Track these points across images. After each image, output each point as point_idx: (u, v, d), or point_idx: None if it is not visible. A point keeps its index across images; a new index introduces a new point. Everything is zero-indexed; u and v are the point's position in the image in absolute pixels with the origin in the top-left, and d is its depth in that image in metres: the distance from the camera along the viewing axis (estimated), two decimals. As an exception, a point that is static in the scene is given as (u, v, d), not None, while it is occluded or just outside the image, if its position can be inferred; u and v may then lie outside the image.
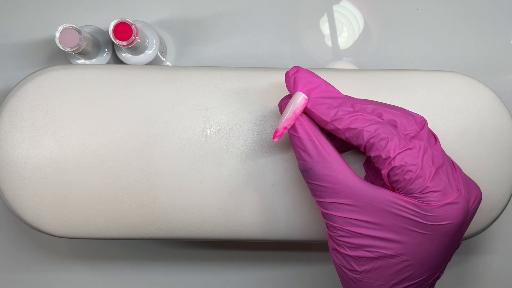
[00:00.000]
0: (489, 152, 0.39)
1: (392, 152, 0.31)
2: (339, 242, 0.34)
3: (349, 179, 0.32)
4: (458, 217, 0.32)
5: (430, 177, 0.31)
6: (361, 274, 0.34)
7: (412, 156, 0.32)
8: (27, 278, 0.50)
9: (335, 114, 0.32)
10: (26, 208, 0.39)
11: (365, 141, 0.32)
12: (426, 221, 0.32)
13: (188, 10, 0.49)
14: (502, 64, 0.49)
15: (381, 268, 0.33)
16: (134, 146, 0.39)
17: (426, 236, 0.32)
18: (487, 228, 0.41)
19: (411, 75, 0.40)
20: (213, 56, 0.48)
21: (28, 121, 0.39)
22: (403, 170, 0.31)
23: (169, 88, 0.40)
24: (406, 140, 0.32)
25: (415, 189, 0.31)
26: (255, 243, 0.50)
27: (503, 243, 0.50)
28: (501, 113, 0.40)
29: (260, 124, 0.39)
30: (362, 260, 0.33)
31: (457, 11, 0.49)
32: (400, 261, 0.33)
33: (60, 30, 0.41)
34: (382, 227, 0.32)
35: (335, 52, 0.49)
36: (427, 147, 0.32)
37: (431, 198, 0.31)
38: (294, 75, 0.34)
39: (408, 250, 0.32)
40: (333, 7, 0.49)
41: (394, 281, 0.33)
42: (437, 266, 0.34)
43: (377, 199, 0.32)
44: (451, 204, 0.32)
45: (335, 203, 0.33)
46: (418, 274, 0.33)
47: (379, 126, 0.32)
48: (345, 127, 0.32)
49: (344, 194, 0.32)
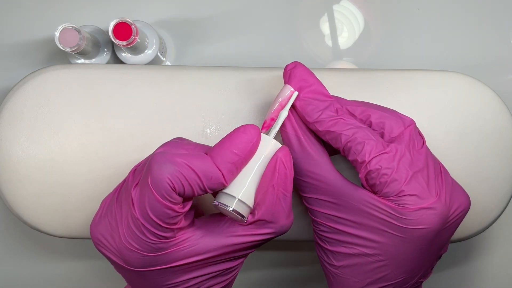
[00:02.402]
0: (489, 152, 0.39)
1: (368, 156, 0.32)
2: (321, 236, 0.34)
3: (331, 177, 0.33)
4: (434, 223, 0.32)
5: (405, 180, 0.32)
6: (339, 269, 0.34)
7: (388, 160, 0.32)
8: (27, 278, 0.50)
9: (318, 116, 0.33)
10: (26, 208, 0.39)
11: (342, 145, 0.33)
12: (400, 223, 0.32)
13: (188, 10, 0.49)
14: (502, 64, 0.49)
15: (358, 265, 0.34)
16: (134, 146, 0.39)
17: (401, 238, 0.32)
18: (486, 228, 0.41)
19: (411, 75, 0.40)
20: (213, 56, 0.48)
21: (27, 120, 0.39)
22: (379, 173, 0.32)
23: (169, 88, 0.40)
24: (383, 144, 0.32)
25: (390, 192, 0.32)
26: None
27: (502, 244, 0.50)
28: (501, 113, 0.40)
29: (260, 124, 0.39)
30: (340, 255, 0.34)
31: (457, 11, 0.49)
32: (376, 260, 0.33)
33: (60, 30, 0.41)
34: (360, 225, 0.33)
35: (335, 52, 0.49)
36: (405, 151, 0.32)
37: (407, 201, 0.32)
38: (291, 69, 0.35)
39: (383, 250, 0.33)
40: (333, 7, 0.49)
41: (370, 280, 0.34)
42: (414, 270, 0.34)
43: (356, 199, 0.32)
44: (427, 209, 0.32)
45: (317, 199, 0.33)
46: (393, 275, 0.33)
47: (356, 130, 0.32)
48: (325, 130, 0.33)
49: (325, 191, 0.33)
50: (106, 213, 0.33)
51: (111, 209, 0.33)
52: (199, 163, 0.30)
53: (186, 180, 0.29)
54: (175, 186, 0.29)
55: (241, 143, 0.31)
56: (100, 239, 0.33)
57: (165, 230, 0.30)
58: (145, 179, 0.30)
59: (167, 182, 0.29)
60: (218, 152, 0.30)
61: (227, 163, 0.30)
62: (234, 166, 0.31)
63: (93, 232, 0.33)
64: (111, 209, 0.32)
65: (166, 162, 0.29)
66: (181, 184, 0.29)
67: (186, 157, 0.30)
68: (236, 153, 0.30)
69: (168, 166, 0.29)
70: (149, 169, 0.30)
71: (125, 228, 0.31)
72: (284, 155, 0.32)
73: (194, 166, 0.30)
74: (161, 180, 0.29)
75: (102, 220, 0.33)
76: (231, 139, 0.31)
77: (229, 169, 0.30)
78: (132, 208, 0.30)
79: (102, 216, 0.33)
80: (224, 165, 0.30)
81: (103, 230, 0.32)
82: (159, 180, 0.29)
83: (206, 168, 0.30)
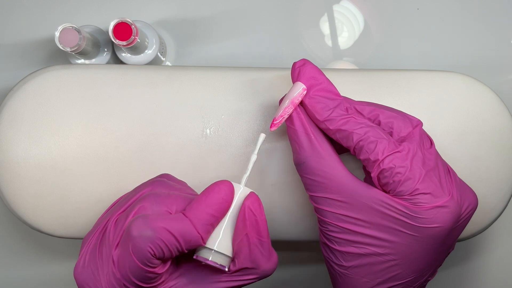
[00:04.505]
0: (489, 152, 0.39)
1: (381, 155, 0.32)
2: (329, 236, 0.34)
3: (341, 176, 0.33)
4: (447, 221, 0.32)
5: (419, 179, 0.32)
6: (348, 269, 0.34)
7: (401, 158, 0.32)
8: (27, 278, 0.50)
9: (329, 115, 0.33)
10: (26, 208, 0.39)
11: (354, 143, 0.32)
12: (415, 222, 0.32)
13: (188, 10, 0.49)
14: (502, 64, 0.49)
15: (368, 265, 0.33)
16: (134, 146, 0.39)
17: (414, 237, 0.32)
18: (487, 228, 0.41)
19: (411, 75, 0.40)
20: (213, 56, 0.49)
21: (27, 121, 0.39)
22: (392, 172, 0.32)
23: (169, 88, 0.40)
24: (395, 143, 0.32)
25: (404, 191, 0.32)
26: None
27: (503, 244, 0.50)
28: (501, 113, 0.40)
29: (260, 124, 0.39)
30: (349, 255, 0.34)
31: (457, 11, 0.49)
32: (387, 260, 0.33)
33: (60, 30, 0.41)
34: (372, 225, 0.32)
35: (335, 52, 0.49)
36: (417, 149, 0.32)
37: (421, 200, 0.32)
38: (300, 67, 0.34)
39: (396, 250, 0.33)
40: (333, 7, 0.49)
41: (380, 279, 0.34)
42: (424, 268, 0.34)
43: (368, 198, 0.32)
44: (441, 207, 0.32)
45: (326, 198, 0.33)
46: (404, 274, 0.33)
47: (369, 129, 0.32)
48: (336, 128, 0.33)
49: (335, 190, 0.33)
50: (89, 262, 0.33)
51: (94, 258, 0.33)
52: (179, 226, 0.31)
53: (166, 246, 0.30)
54: (155, 253, 0.30)
55: (216, 204, 0.31)
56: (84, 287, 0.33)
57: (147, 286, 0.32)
58: (126, 244, 0.31)
59: (148, 250, 0.30)
60: (195, 215, 0.31)
61: (205, 225, 0.31)
62: (211, 226, 0.31)
63: (78, 279, 0.33)
64: (94, 258, 0.33)
65: (147, 229, 0.30)
66: (161, 250, 0.30)
67: (166, 220, 0.31)
68: (213, 214, 0.31)
69: (148, 233, 0.30)
70: (130, 235, 0.30)
71: (107, 284, 0.32)
72: (252, 202, 0.32)
73: (174, 231, 0.30)
74: (142, 249, 0.30)
75: (86, 268, 0.33)
76: (207, 200, 0.31)
77: (207, 230, 0.31)
78: (114, 268, 0.31)
79: (85, 264, 0.33)
80: (202, 227, 0.31)
81: (87, 279, 0.33)
82: (140, 249, 0.30)
83: (185, 232, 0.31)
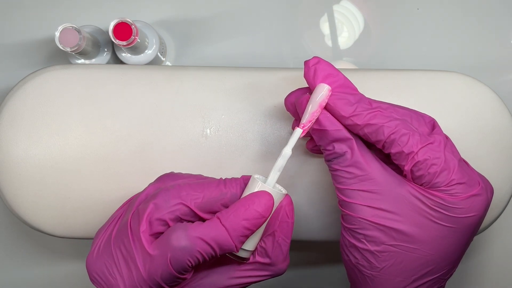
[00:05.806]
0: (489, 152, 0.39)
1: (415, 147, 0.31)
2: (359, 236, 0.33)
3: (379, 168, 0.32)
4: (482, 209, 0.32)
5: (454, 169, 0.31)
6: (381, 270, 0.33)
7: (435, 150, 0.31)
8: (27, 278, 0.50)
9: (354, 110, 0.32)
10: (26, 208, 0.39)
11: (385, 137, 0.32)
12: (452, 213, 0.31)
13: (188, 10, 0.49)
14: (502, 64, 0.49)
15: (403, 263, 0.32)
16: (134, 146, 0.39)
17: (450, 229, 0.32)
18: (487, 228, 0.41)
19: (411, 75, 0.40)
20: (213, 56, 0.49)
21: (27, 121, 0.39)
22: (427, 164, 0.31)
23: (169, 88, 0.40)
24: (426, 135, 0.32)
25: (441, 182, 0.31)
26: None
27: (503, 243, 0.50)
28: (501, 113, 0.40)
29: (260, 124, 0.39)
30: (383, 255, 0.32)
31: (457, 11, 0.49)
32: (423, 256, 0.32)
33: (60, 30, 0.41)
34: (406, 219, 0.32)
35: (335, 52, 0.49)
36: (446, 141, 0.32)
37: (457, 190, 0.31)
38: (315, 65, 0.33)
39: (431, 244, 0.32)
40: (333, 7, 0.49)
41: (416, 276, 0.33)
42: (457, 259, 0.34)
43: (404, 190, 0.32)
44: (476, 195, 0.32)
45: (360, 191, 0.32)
46: (438, 268, 0.33)
47: (399, 122, 0.32)
48: (365, 123, 0.32)
49: (372, 182, 0.32)
50: (103, 253, 0.33)
51: (109, 250, 0.33)
52: (216, 235, 0.31)
53: (202, 255, 0.31)
54: (192, 263, 0.31)
55: (254, 219, 0.31)
56: (96, 278, 0.33)
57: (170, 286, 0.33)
58: (163, 252, 0.31)
59: (187, 263, 0.31)
60: (232, 225, 0.31)
61: (240, 236, 0.31)
62: (245, 238, 0.32)
63: (90, 269, 0.33)
64: (109, 250, 0.33)
65: (187, 241, 0.31)
66: (197, 259, 0.31)
67: (205, 230, 0.31)
68: (249, 228, 0.31)
69: (188, 245, 0.31)
70: (171, 246, 0.31)
71: (127, 282, 0.32)
72: (288, 204, 0.33)
73: (211, 241, 0.31)
74: (181, 261, 0.31)
75: (100, 258, 0.33)
76: (246, 212, 0.31)
77: (241, 241, 0.32)
78: (139, 271, 0.32)
79: (99, 253, 0.33)
80: (237, 238, 0.31)
81: (100, 271, 0.33)
82: (179, 261, 0.31)
83: (221, 242, 0.31)
